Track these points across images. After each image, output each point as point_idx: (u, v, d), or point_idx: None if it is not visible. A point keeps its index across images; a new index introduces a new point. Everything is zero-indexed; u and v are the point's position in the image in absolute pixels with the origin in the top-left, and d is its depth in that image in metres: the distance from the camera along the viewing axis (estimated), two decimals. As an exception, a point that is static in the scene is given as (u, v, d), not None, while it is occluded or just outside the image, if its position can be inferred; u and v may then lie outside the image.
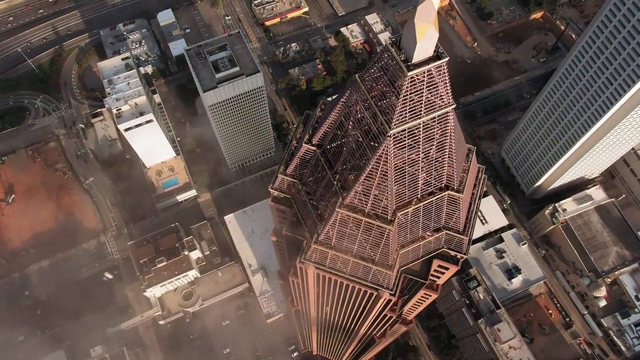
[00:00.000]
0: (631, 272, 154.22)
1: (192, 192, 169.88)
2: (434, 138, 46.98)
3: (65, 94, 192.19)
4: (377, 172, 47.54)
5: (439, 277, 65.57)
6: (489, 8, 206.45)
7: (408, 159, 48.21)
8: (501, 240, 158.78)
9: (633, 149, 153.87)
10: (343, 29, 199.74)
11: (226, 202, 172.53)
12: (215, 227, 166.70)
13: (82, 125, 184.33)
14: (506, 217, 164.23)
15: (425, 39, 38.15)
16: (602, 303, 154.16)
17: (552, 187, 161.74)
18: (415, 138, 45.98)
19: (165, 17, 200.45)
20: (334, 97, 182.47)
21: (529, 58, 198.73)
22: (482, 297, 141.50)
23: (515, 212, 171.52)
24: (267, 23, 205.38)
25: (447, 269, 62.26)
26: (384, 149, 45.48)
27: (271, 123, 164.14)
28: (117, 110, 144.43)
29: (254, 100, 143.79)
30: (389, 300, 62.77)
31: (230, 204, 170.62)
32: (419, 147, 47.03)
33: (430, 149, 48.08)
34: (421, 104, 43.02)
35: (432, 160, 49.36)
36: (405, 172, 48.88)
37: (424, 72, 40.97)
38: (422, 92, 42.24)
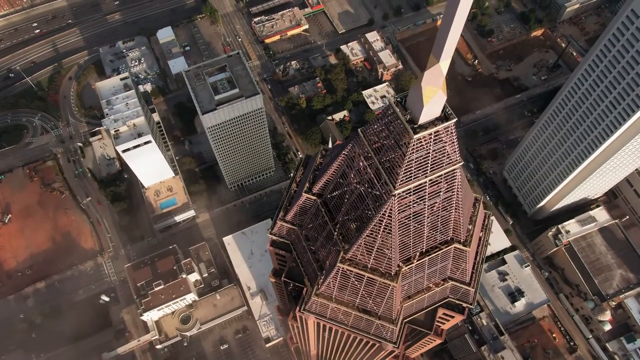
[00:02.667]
0: (636, 295, 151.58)
1: (191, 213, 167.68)
2: (439, 194, 45.13)
3: (64, 112, 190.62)
4: (380, 229, 45.62)
5: (444, 323, 63.43)
6: (490, 25, 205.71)
7: (413, 213, 46.27)
8: (504, 262, 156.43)
9: (637, 169, 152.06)
10: (343, 47, 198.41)
11: (225, 223, 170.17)
12: (213, 248, 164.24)
13: (80, 144, 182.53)
14: (509, 239, 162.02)
15: (433, 102, 36.39)
16: (607, 327, 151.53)
17: (555, 207, 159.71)
18: (421, 194, 44.11)
19: (165, 34, 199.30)
20: (333, 115, 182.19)
21: (530, 76, 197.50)
22: (485, 323, 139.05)
23: (517, 233, 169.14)
24: (267, 41, 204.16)
25: (452, 316, 60.11)
26: (387, 208, 43.56)
27: (271, 142, 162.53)
28: (115, 131, 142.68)
29: (253, 121, 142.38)
30: (392, 351, 60.58)
31: (229, 224, 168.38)
32: (425, 203, 45.14)
33: (436, 203, 46.19)
34: (427, 163, 41.23)
35: (438, 214, 47.46)
36: (410, 227, 46.94)
37: (431, 134, 39.19)
38: (429, 152, 40.45)
